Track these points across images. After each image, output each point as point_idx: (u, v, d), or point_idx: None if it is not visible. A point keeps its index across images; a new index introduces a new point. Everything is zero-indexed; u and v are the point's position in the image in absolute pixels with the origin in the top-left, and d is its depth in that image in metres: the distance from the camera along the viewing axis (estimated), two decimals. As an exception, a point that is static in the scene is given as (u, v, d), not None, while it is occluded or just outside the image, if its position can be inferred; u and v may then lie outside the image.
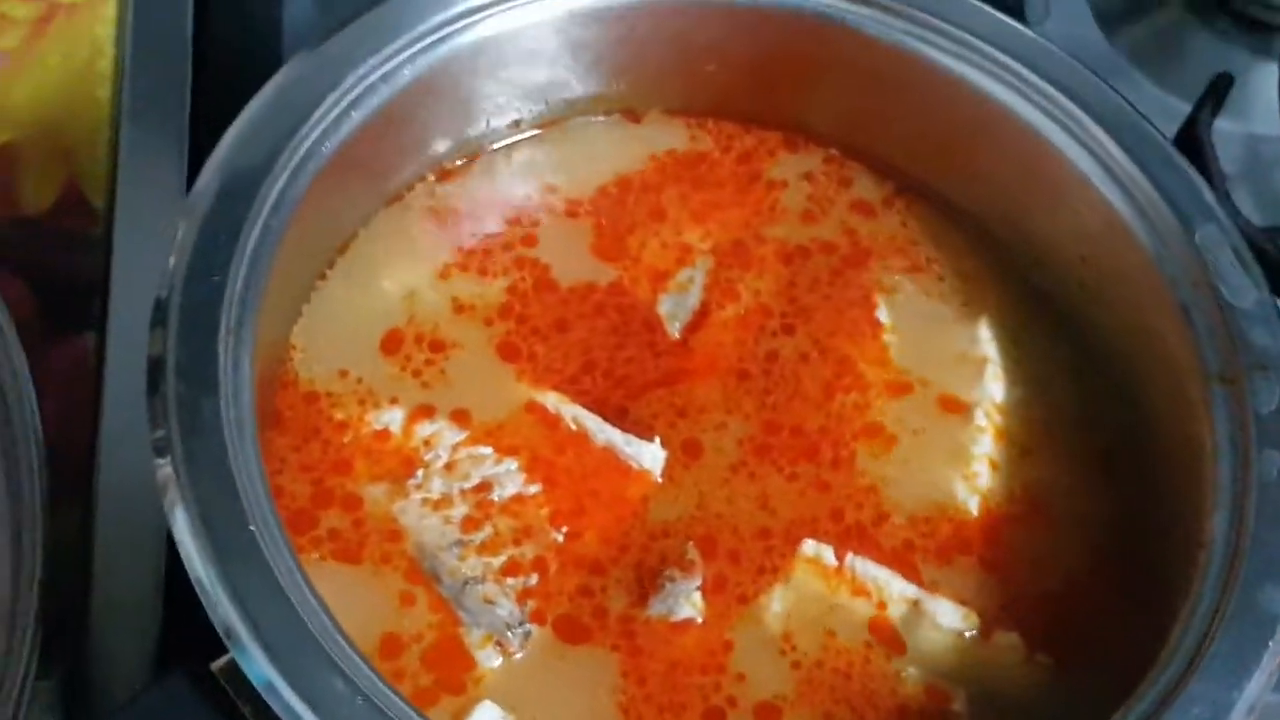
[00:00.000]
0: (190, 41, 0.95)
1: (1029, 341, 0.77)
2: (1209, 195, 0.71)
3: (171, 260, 0.64)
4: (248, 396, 0.62)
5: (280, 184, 0.66)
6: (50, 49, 0.97)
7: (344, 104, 0.69)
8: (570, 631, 0.67)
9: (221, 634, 0.57)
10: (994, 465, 0.73)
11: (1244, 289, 0.69)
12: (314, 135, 0.68)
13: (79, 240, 0.93)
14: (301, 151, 0.67)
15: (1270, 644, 0.60)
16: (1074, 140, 0.74)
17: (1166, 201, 0.71)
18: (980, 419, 0.74)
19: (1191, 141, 0.92)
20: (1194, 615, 0.62)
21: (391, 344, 0.73)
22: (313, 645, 0.57)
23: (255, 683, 0.56)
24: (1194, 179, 0.72)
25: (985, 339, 0.76)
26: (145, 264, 0.85)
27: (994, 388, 0.75)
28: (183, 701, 0.58)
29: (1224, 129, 0.93)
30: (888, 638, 0.68)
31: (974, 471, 0.73)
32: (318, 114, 0.68)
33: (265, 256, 0.65)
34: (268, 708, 0.56)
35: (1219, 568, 0.62)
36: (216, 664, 0.59)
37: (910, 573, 0.70)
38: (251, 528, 0.59)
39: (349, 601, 0.65)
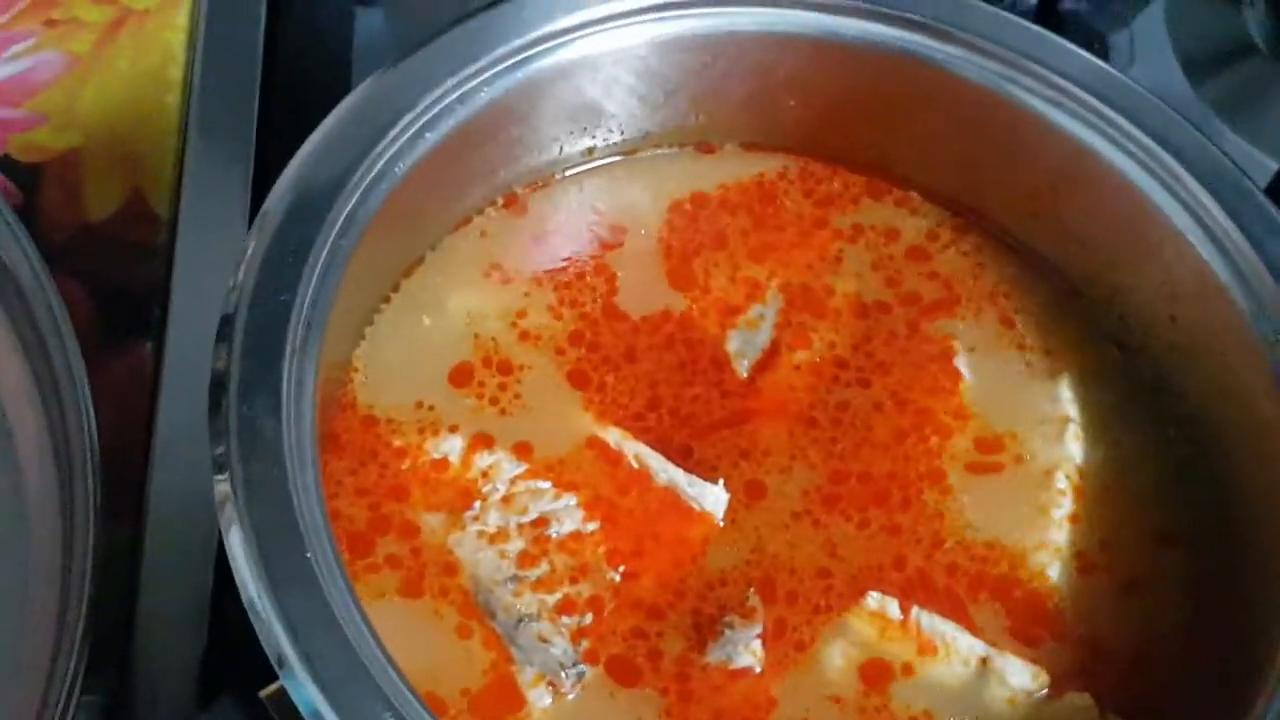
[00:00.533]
0: (261, 53, 0.94)
1: (1112, 402, 0.74)
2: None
3: (240, 275, 0.63)
4: (309, 419, 0.61)
5: (352, 203, 0.65)
6: (120, 54, 0.97)
7: (419, 124, 0.68)
8: (623, 673, 0.65)
9: (273, 661, 0.56)
10: (1073, 525, 0.71)
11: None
12: (388, 155, 0.67)
13: (141, 249, 0.91)
14: (375, 171, 0.66)
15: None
16: (1169, 193, 0.71)
17: (1264, 261, 0.69)
18: (1061, 481, 0.72)
19: (1281, 196, 0.91)
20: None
21: (455, 372, 0.72)
22: (364, 677, 0.55)
23: (304, 712, 0.54)
24: (1289, 231, 0.70)
25: (1066, 399, 0.74)
26: (206, 275, 0.84)
27: (1074, 448, 0.73)
28: (230, 727, 0.56)
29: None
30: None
31: (1052, 537, 0.70)
32: (393, 134, 0.67)
33: (333, 277, 0.64)
34: (313, 735, 0.55)
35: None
36: (265, 691, 0.57)
37: (978, 629, 0.68)
38: (308, 555, 0.57)
39: (404, 635, 0.63)
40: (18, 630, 0.75)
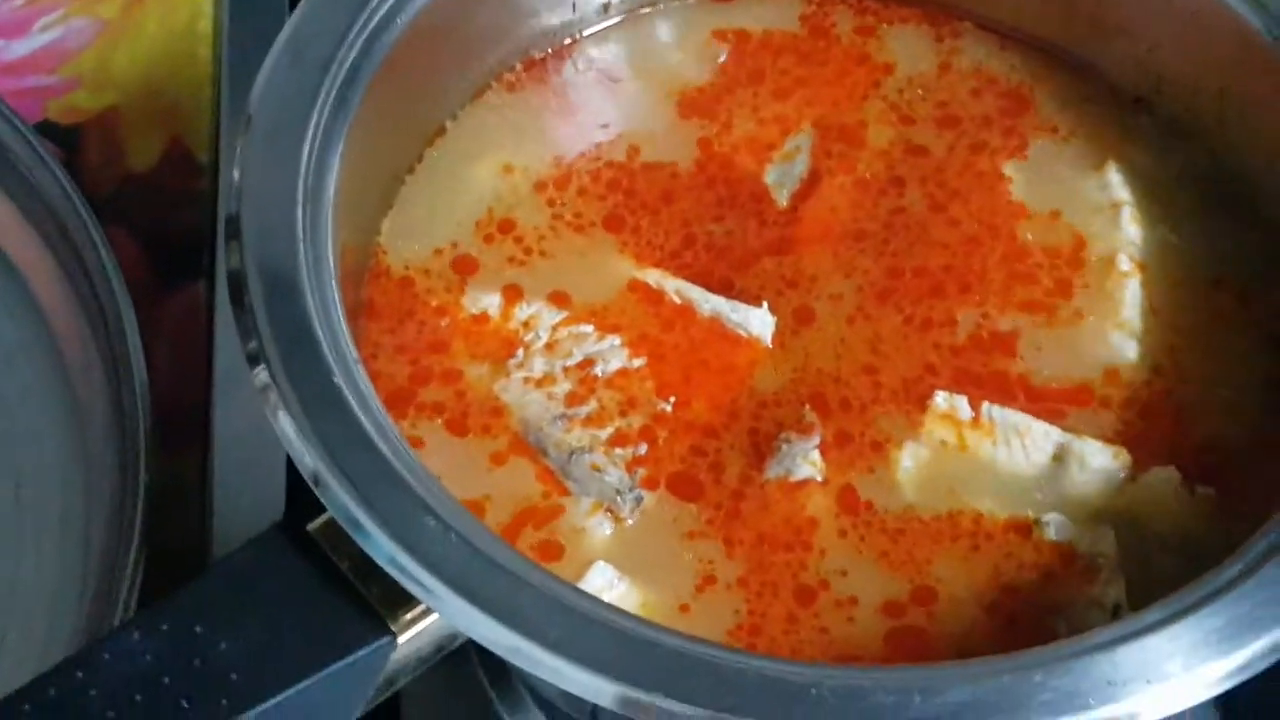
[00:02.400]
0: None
1: (1167, 183, 0.72)
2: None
3: (237, 169, 0.62)
4: (331, 283, 0.60)
5: (352, 56, 0.65)
6: (149, 14, 0.98)
7: (417, -25, 0.67)
8: (685, 489, 0.63)
9: (310, 481, 0.55)
10: (1142, 306, 0.68)
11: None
12: (386, 6, 0.66)
13: (186, 195, 0.93)
14: (375, 22, 0.66)
15: None
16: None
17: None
18: (1124, 264, 0.69)
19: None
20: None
21: (486, 229, 0.71)
22: (401, 486, 0.54)
23: (344, 525, 0.53)
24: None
25: (1116, 183, 0.72)
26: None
27: (1133, 230, 0.70)
28: (278, 558, 0.55)
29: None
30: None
31: (1125, 318, 0.68)
32: (388, -14, 0.66)
33: (339, 135, 0.64)
34: (364, 560, 0.54)
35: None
36: (313, 524, 0.56)
37: (1053, 417, 0.65)
38: (337, 380, 0.57)
39: (453, 469, 0.62)
40: (83, 554, 0.76)
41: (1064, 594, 0.60)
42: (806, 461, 0.64)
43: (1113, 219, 0.71)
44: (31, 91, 0.95)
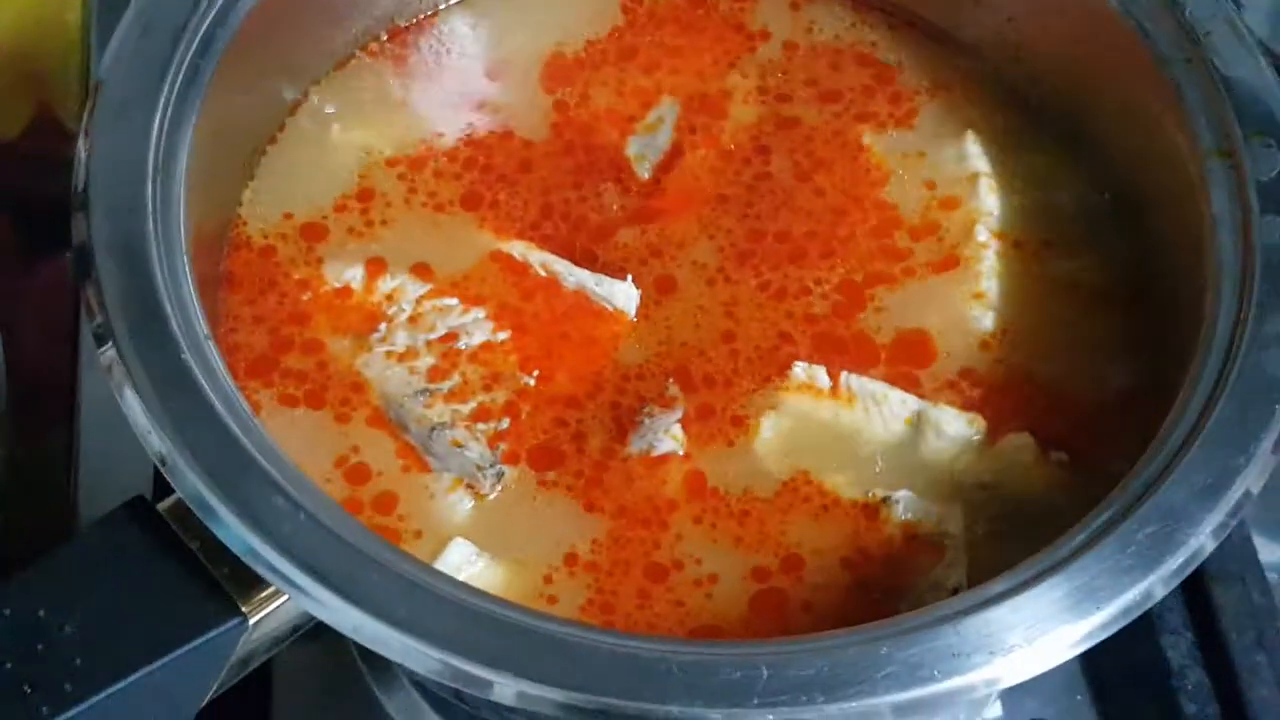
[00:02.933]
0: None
1: (1022, 151, 0.73)
2: (1196, -33, 0.67)
3: (84, 138, 0.61)
4: (181, 254, 0.59)
5: (206, 23, 0.64)
6: (17, -21, 0.96)
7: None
8: (546, 460, 0.63)
9: (156, 462, 0.54)
10: (1002, 277, 0.69)
11: (1239, 59, 0.65)
12: (242, -28, 0.65)
13: (55, 163, 0.90)
14: (227, -10, 0.64)
15: (1277, 407, 0.56)
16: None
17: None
18: (981, 234, 0.70)
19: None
20: (1198, 386, 0.57)
21: (346, 203, 0.70)
22: (251, 465, 0.54)
23: (193, 506, 0.53)
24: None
25: (974, 153, 0.72)
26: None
27: (990, 201, 0.71)
28: (125, 540, 0.55)
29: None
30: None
31: (984, 289, 0.69)
32: (243, -48, 0.65)
33: (193, 104, 0.63)
34: (215, 540, 0.53)
35: (1222, 337, 0.59)
36: (163, 504, 0.56)
37: (909, 385, 0.66)
38: (185, 357, 0.56)
39: (311, 443, 0.62)
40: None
41: (908, 573, 0.61)
42: (668, 435, 0.64)
43: (971, 188, 0.71)
44: (-106, 57, 0.93)
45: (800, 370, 0.66)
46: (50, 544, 0.75)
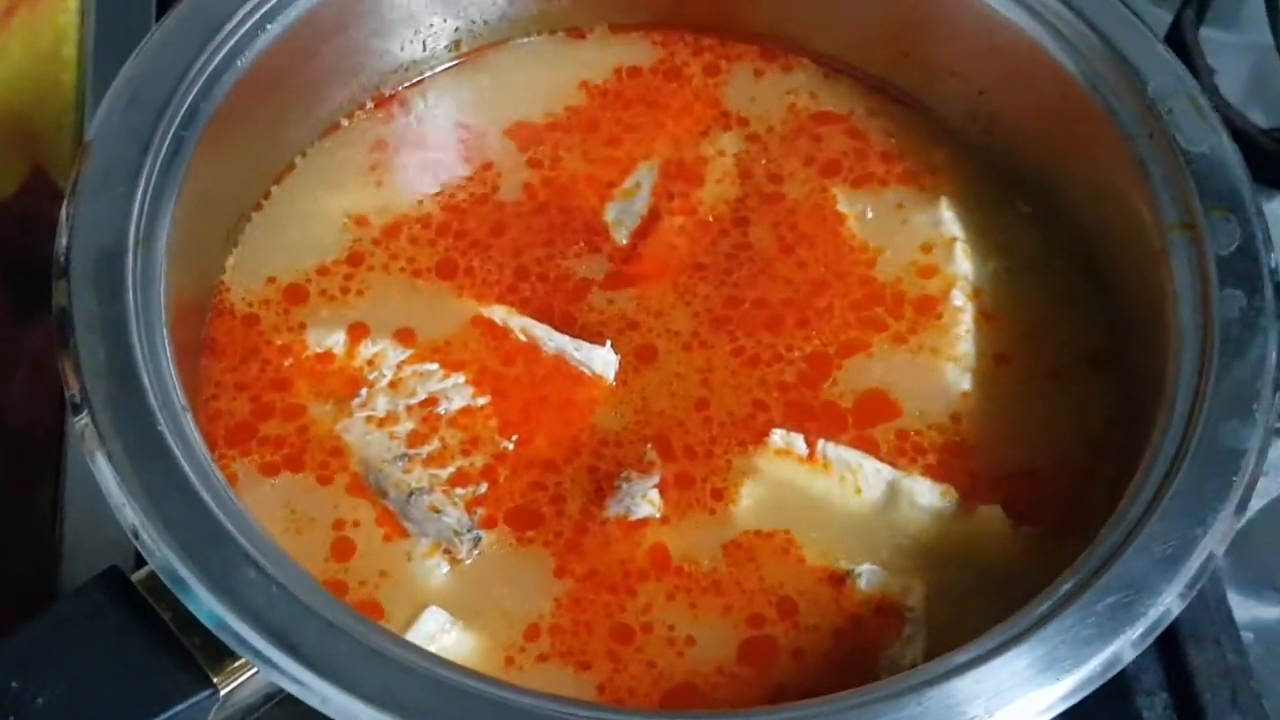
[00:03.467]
0: (154, 23, 0.94)
1: (995, 221, 0.74)
2: (1161, 48, 0.69)
3: (67, 205, 0.62)
4: (160, 325, 0.60)
5: (190, 98, 0.65)
6: (12, 40, 0.97)
7: (258, 15, 0.68)
8: (524, 522, 0.64)
9: (129, 534, 0.55)
10: (976, 339, 0.70)
11: (1201, 135, 0.66)
12: (226, 47, 0.67)
13: (46, 222, 0.91)
14: (214, 64, 0.66)
15: (1234, 479, 0.57)
16: (1021, 7, 0.71)
17: (1119, 59, 0.69)
18: (957, 298, 0.71)
19: (1179, 40, 0.92)
20: (1157, 458, 0.58)
21: (329, 270, 0.71)
22: (224, 537, 0.55)
23: (164, 579, 0.54)
24: (1145, 33, 0.69)
25: (949, 219, 0.73)
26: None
27: (965, 265, 0.72)
28: (99, 610, 0.56)
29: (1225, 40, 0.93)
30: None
31: (961, 352, 0.70)
32: (229, 26, 0.67)
33: (176, 176, 0.64)
34: (187, 612, 0.54)
35: (1183, 409, 0.60)
36: (137, 575, 0.56)
37: (883, 454, 0.66)
38: (161, 428, 0.57)
39: (289, 512, 0.63)
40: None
41: (870, 645, 0.61)
42: (645, 500, 0.65)
43: (947, 254, 0.72)
44: (-110, 114, 0.94)
45: (778, 437, 0.66)
46: (32, 602, 0.77)
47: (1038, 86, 0.71)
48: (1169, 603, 0.55)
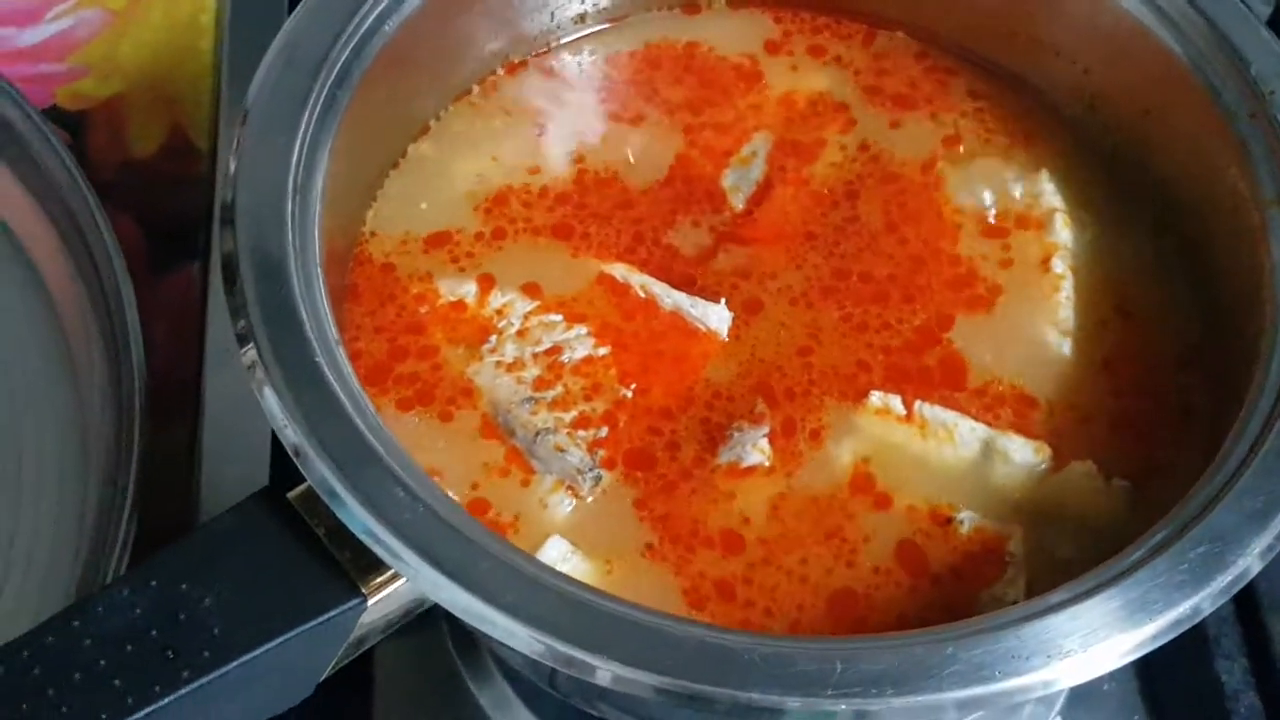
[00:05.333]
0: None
1: (1093, 194, 0.77)
2: (1264, 31, 0.72)
3: (232, 162, 0.67)
4: (316, 269, 0.65)
5: (343, 58, 0.69)
6: (154, 7, 1.03)
7: (404, -17, 0.72)
8: (640, 462, 0.68)
9: (291, 453, 0.59)
10: (1078, 308, 0.73)
11: (1301, 116, 0.69)
12: (376, 11, 0.71)
13: (184, 180, 0.97)
14: (365, 27, 0.71)
15: (1325, 440, 0.60)
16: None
17: (1223, 41, 0.72)
18: (1058, 266, 0.74)
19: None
20: (1252, 418, 0.61)
21: (462, 225, 0.76)
22: (375, 459, 0.59)
23: (322, 494, 0.58)
24: (1248, 16, 0.72)
25: (1049, 190, 0.77)
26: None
27: (1065, 235, 0.75)
28: (259, 523, 0.60)
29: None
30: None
31: (1061, 318, 0.73)
32: (376, -7, 0.71)
33: (329, 132, 0.68)
34: (339, 526, 0.58)
35: (1275, 378, 0.62)
36: (293, 492, 0.61)
37: (981, 413, 0.70)
38: (318, 359, 0.61)
39: (424, 443, 0.67)
40: (78, 517, 0.81)
41: (970, 586, 0.65)
42: (756, 449, 0.69)
43: (1048, 223, 0.76)
44: (41, 78, 1.00)
45: (877, 398, 0.70)
46: (175, 534, 0.82)
47: (1142, 66, 0.75)
48: (1255, 555, 0.58)
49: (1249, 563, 0.58)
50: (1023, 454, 0.69)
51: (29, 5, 1.03)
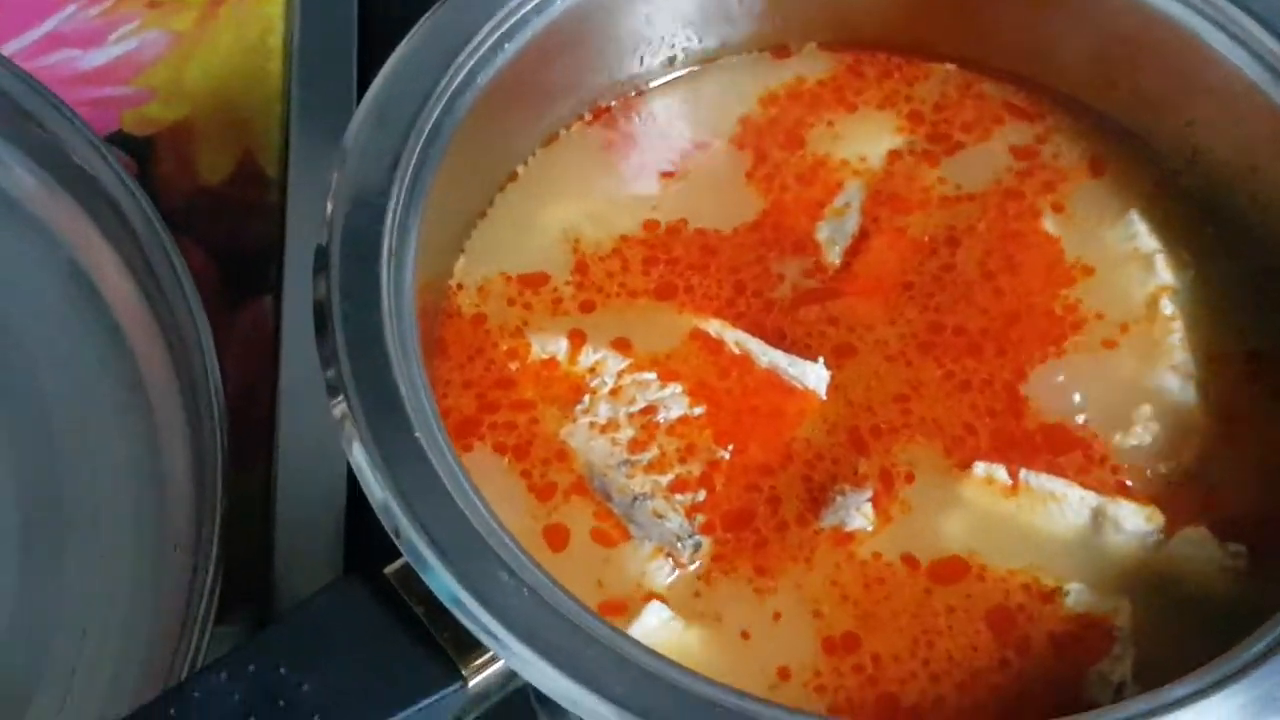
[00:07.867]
0: (356, 14, 0.98)
1: (1183, 238, 0.75)
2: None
3: (329, 206, 0.66)
4: (410, 327, 0.64)
5: (435, 116, 0.68)
6: (223, 28, 1.01)
7: (498, 35, 0.71)
8: (740, 525, 0.67)
9: (391, 534, 0.58)
10: (1194, 350, 0.72)
11: None
12: (469, 66, 0.70)
13: (256, 208, 0.96)
14: (456, 83, 0.69)
15: None
16: (1237, 44, 0.72)
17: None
18: (1167, 307, 0.72)
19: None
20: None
21: (550, 276, 0.74)
22: (478, 542, 0.58)
23: (423, 575, 0.57)
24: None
25: (1143, 232, 0.75)
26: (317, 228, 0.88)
27: (1167, 275, 0.74)
28: (356, 602, 0.59)
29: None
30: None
31: (1179, 361, 0.71)
32: (471, 45, 0.70)
33: (421, 191, 0.67)
34: (439, 606, 0.57)
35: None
36: (390, 568, 0.60)
37: (1088, 478, 0.68)
38: (417, 434, 0.60)
39: (515, 506, 0.66)
40: (157, 563, 0.79)
41: (1074, 662, 0.63)
42: (859, 513, 0.67)
43: (1148, 266, 0.74)
44: (107, 101, 0.98)
45: (981, 469, 0.68)
46: (249, 582, 0.80)
47: (1247, 120, 0.72)
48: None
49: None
50: (1135, 521, 0.67)
51: (92, 26, 1.01)
